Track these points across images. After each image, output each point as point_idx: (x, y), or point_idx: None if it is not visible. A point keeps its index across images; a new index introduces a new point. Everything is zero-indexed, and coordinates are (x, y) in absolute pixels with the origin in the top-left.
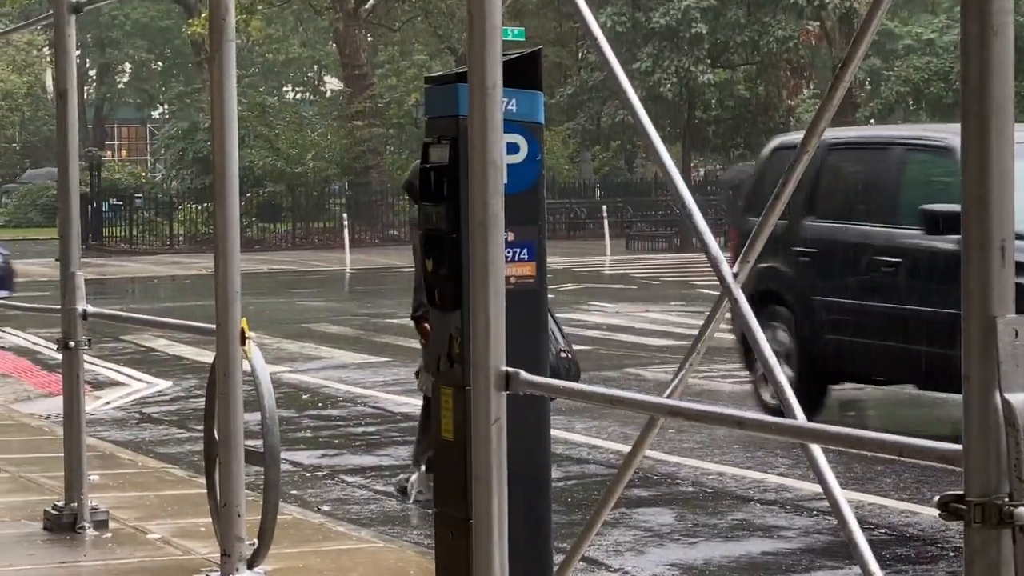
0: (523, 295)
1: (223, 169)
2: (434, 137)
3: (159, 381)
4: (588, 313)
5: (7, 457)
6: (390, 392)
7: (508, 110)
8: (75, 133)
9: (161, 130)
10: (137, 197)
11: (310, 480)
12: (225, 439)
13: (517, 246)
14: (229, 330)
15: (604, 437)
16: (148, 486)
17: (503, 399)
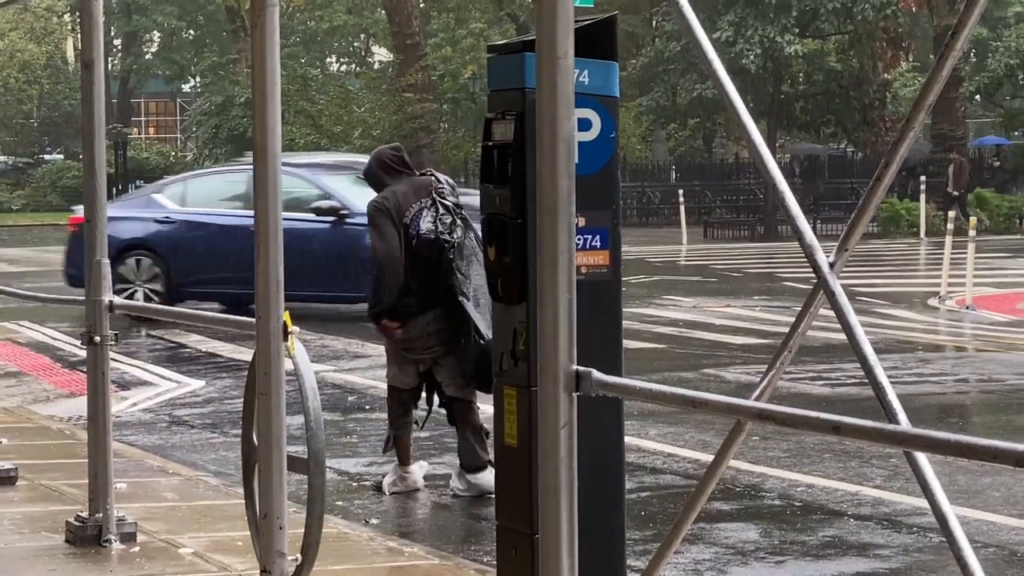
0: (595, 287)
1: (265, 147)
2: (497, 112)
3: (190, 381)
4: (662, 308)
5: (25, 463)
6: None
7: (579, 82)
8: (102, 107)
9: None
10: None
11: (357, 490)
12: (266, 444)
13: (589, 232)
14: (270, 324)
15: (680, 444)
16: (180, 495)
17: (573, 401)
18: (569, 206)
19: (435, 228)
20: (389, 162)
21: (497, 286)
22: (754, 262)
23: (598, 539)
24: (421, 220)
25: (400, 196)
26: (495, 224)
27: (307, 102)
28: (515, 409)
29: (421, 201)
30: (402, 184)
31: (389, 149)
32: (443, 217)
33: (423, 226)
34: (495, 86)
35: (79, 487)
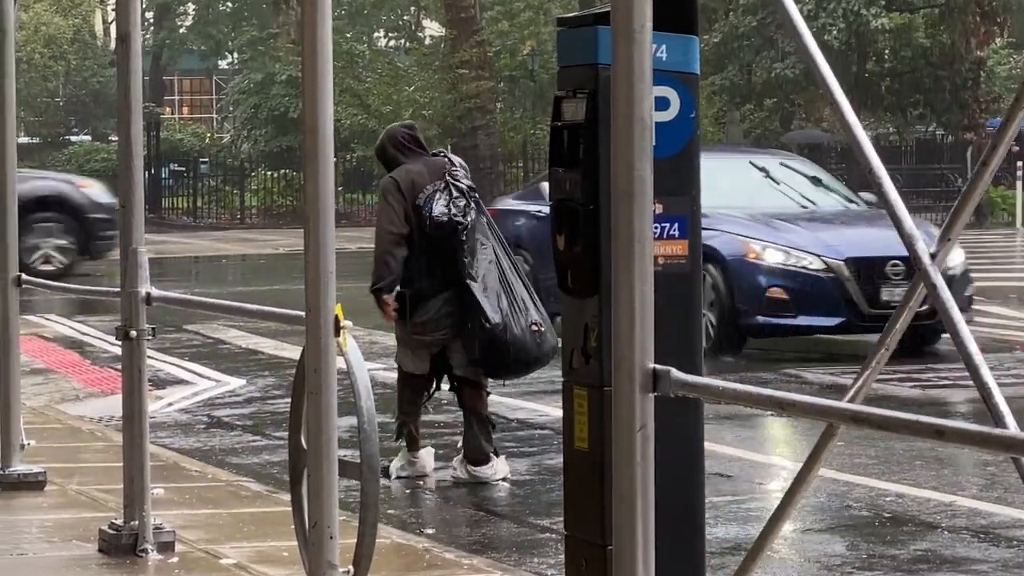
0: (673, 279)
1: (316, 127)
2: (568, 90)
3: (230, 379)
4: None
5: (55, 467)
6: (504, 394)
7: (657, 57)
8: (138, 84)
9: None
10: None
11: (410, 498)
12: (315, 447)
13: (666, 220)
14: (321, 317)
15: (759, 450)
16: (220, 502)
17: (650, 402)
18: (646, 192)
19: (448, 211)
20: (403, 141)
21: (566, 278)
22: None
23: (675, 551)
24: (435, 203)
25: (415, 176)
26: (565, 211)
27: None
28: (586, 411)
29: (435, 183)
30: (416, 164)
31: (403, 128)
32: (457, 200)
33: (436, 209)
34: (565, 62)
35: (113, 492)
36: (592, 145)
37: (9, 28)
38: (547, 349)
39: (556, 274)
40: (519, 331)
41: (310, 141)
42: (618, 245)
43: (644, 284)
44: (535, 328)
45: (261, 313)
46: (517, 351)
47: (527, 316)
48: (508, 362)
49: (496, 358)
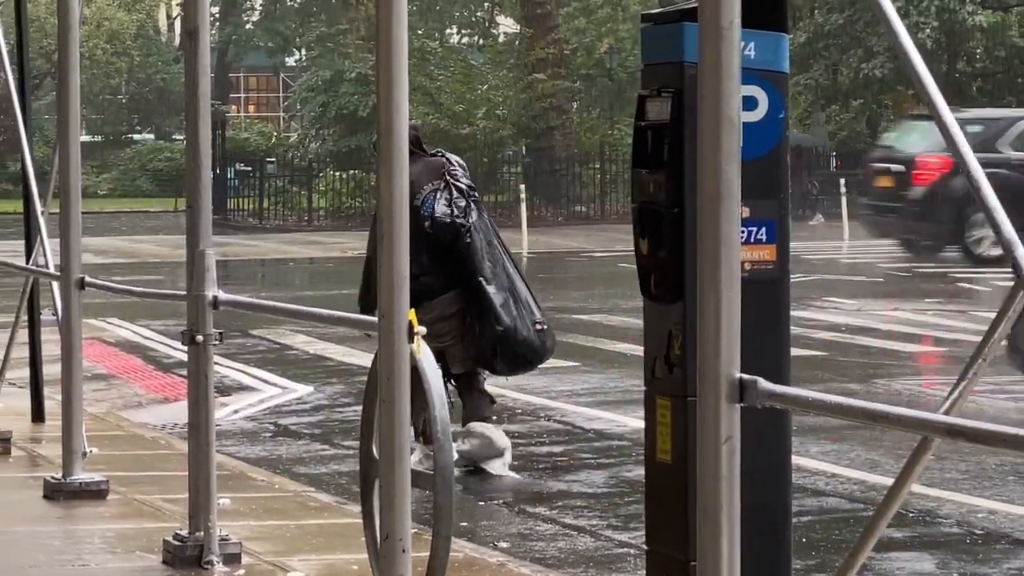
0: (761, 285)
1: (390, 127)
2: (652, 89)
3: (297, 386)
4: (823, 311)
5: (117, 475)
6: (580, 404)
7: (745, 55)
8: (207, 81)
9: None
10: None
11: (483, 510)
12: (388, 457)
13: (754, 224)
14: (395, 323)
15: (846, 464)
16: (287, 513)
17: (736, 413)
18: (733, 194)
19: (450, 211)
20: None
21: (649, 283)
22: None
23: (761, 568)
24: (435, 203)
25: (412, 177)
26: (648, 214)
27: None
28: (669, 421)
29: (433, 183)
30: (415, 165)
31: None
32: (457, 200)
33: (438, 209)
34: (650, 59)
35: (177, 502)
36: (677, 146)
37: (73, 23)
38: (549, 346)
39: (639, 278)
40: (526, 332)
41: (384, 141)
42: (704, 250)
43: (731, 290)
44: (539, 327)
45: (332, 318)
46: (525, 350)
47: (532, 315)
48: (517, 361)
49: (506, 358)
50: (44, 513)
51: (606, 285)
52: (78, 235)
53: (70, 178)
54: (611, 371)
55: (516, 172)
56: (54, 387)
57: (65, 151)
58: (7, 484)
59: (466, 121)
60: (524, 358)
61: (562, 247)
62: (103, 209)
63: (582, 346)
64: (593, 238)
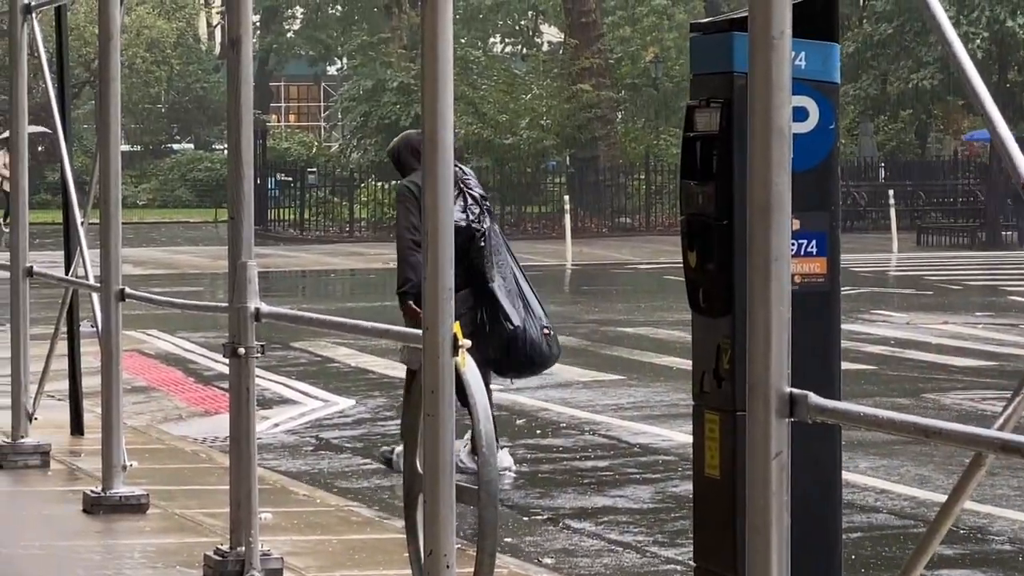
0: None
1: (435, 136)
2: (701, 99)
3: (339, 399)
4: (872, 324)
5: (157, 489)
6: (625, 418)
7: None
8: (249, 91)
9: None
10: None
11: (528, 525)
12: (432, 472)
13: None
14: (439, 335)
15: (895, 479)
16: (329, 528)
17: (786, 428)
18: (783, 206)
19: (466, 217)
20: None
21: (698, 296)
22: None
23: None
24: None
25: None
26: (696, 226)
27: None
28: (718, 436)
29: None
30: None
31: (417, 135)
32: (472, 207)
33: (455, 215)
34: (699, 69)
35: (218, 516)
36: (726, 157)
37: (114, 32)
38: (556, 351)
39: (687, 291)
40: (535, 334)
41: (429, 150)
42: (753, 262)
43: (781, 304)
44: (547, 331)
45: (376, 331)
46: (533, 352)
47: (539, 320)
48: (524, 362)
49: (514, 358)
50: (83, 527)
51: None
52: (118, 246)
53: (110, 188)
54: (657, 385)
55: (560, 183)
56: (93, 400)
57: (105, 161)
58: (46, 498)
59: (509, 131)
60: (532, 360)
61: (607, 259)
62: (143, 220)
63: (627, 359)
64: (638, 250)
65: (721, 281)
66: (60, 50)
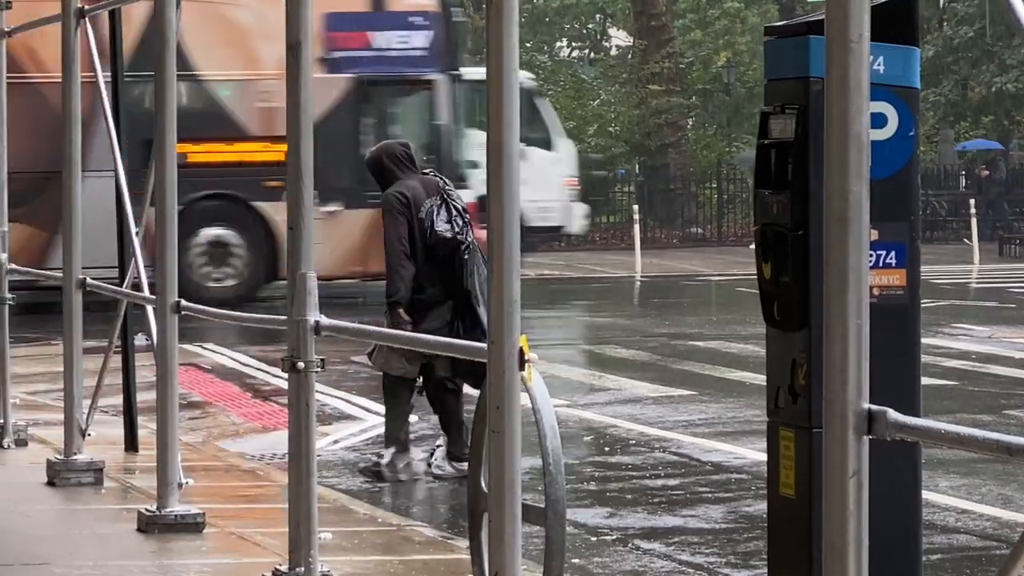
0: (889, 311)
1: (500, 144)
2: (776, 105)
3: None
4: (952, 338)
5: (214, 508)
6: (696, 435)
7: (874, 70)
8: (309, 96)
9: None
10: None
11: (595, 546)
12: (498, 490)
13: (883, 248)
14: (505, 350)
15: (976, 499)
16: (391, 548)
17: (865, 446)
18: (861, 216)
19: (451, 227)
20: (401, 157)
21: (773, 309)
22: None
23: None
24: (436, 218)
25: (415, 190)
26: (771, 236)
27: None
28: (793, 454)
29: (432, 199)
30: (412, 180)
31: (399, 144)
32: (456, 218)
33: (439, 225)
34: (773, 74)
35: (276, 536)
36: (802, 165)
37: (170, 36)
38: None
39: (761, 304)
40: None
41: (494, 158)
42: (830, 274)
43: (859, 317)
44: None
45: (440, 345)
46: None
47: None
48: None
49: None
50: (138, 547)
51: (724, 310)
52: (174, 257)
53: (166, 198)
54: (729, 400)
55: (629, 191)
56: (148, 415)
57: (161, 170)
58: (100, 516)
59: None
60: None
61: (677, 270)
62: None
63: (699, 374)
64: (710, 261)
65: (797, 294)
66: (114, 55)
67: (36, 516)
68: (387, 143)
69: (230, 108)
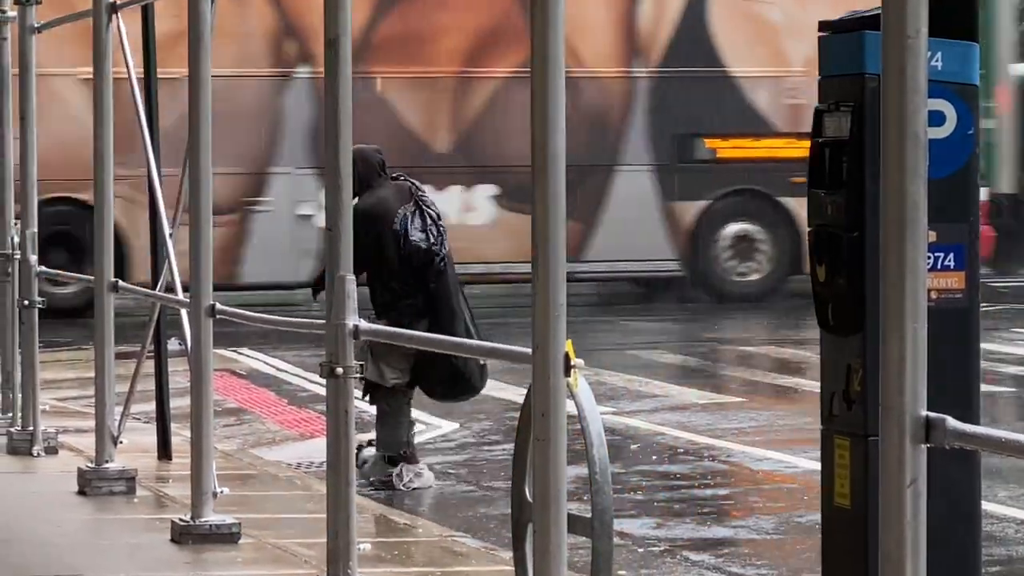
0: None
1: (545, 143)
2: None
3: (442, 422)
4: (1012, 343)
5: (250, 518)
6: (747, 443)
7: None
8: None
9: None
10: None
11: (643, 558)
12: (542, 500)
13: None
14: (551, 355)
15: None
16: (432, 560)
17: (922, 454)
18: (919, 217)
19: (426, 238)
20: (374, 162)
21: (827, 313)
22: None
23: None
24: (410, 226)
25: (386, 204)
26: (825, 238)
27: None
28: (848, 463)
29: (404, 207)
30: (386, 188)
31: (373, 149)
32: (431, 228)
33: (413, 235)
34: (827, 71)
35: (313, 547)
36: (857, 165)
37: (205, 32)
38: (485, 382)
39: (815, 308)
40: (473, 363)
41: (539, 158)
42: (887, 277)
43: (916, 321)
44: (483, 361)
45: (482, 350)
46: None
47: None
48: (460, 390)
49: (452, 385)
50: (172, 558)
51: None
52: (208, 259)
53: (200, 198)
54: (780, 407)
55: None
56: (182, 422)
57: (196, 170)
58: (132, 526)
59: None
60: (464, 387)
61: None
62: None
63: (749, 380)
64: None
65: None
66: (147, 54)
67: (67, 526)
68: (360, 147)
69: (758, 104)
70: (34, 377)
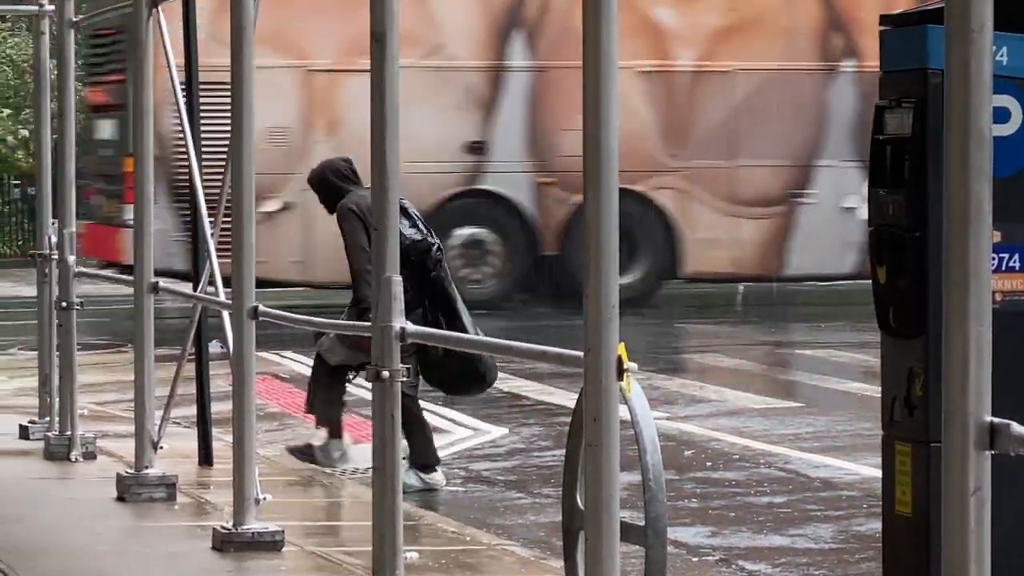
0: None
1: (598, 141)
2: (891, 99)
3: (489, 427)
4: None
5: (292, 525)
6: (804, 449)
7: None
8: (395, 91)
9: None
10: None
11: (697, 566)
12: (594, 507)
13: (1006, 250)
14: (603, 358)
15: None
16: (480, 568)
17: (987, 461)
18: (983, 217)
19: (419, 231)
20: (345, 172)
21: (888, 316)
22: None
23: None
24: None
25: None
26: (887, 238)
27: None
28: (910, 470)
29: None
30: (363, 191)
31: (341, 160)
32: (419, 223)
33: (406, 230)
34: (889, 66)
35: (359, 555)
36: (920, 163)
37: (247, 25)
38: (496, 375)
39: (876, 310)
40: (488, 356)
41: (591, 157)
42: (950, 279)
43: (980, 324)
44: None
45: (532, 352)
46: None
47: None
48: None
49: (467, 378)
50: (213, 566)
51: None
52: (251, 259)
53: (243, 197)
54: (839, 413)
55: None
56: (223, 427)
57: (238, 166)
58: (173, 534)
59: None
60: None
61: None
62: None
63: (806, 385)
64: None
65: (913, 299)
66: (188, 48)
67: (106, 533)
68: (330, 160)
69: None
70: (72, 380)
